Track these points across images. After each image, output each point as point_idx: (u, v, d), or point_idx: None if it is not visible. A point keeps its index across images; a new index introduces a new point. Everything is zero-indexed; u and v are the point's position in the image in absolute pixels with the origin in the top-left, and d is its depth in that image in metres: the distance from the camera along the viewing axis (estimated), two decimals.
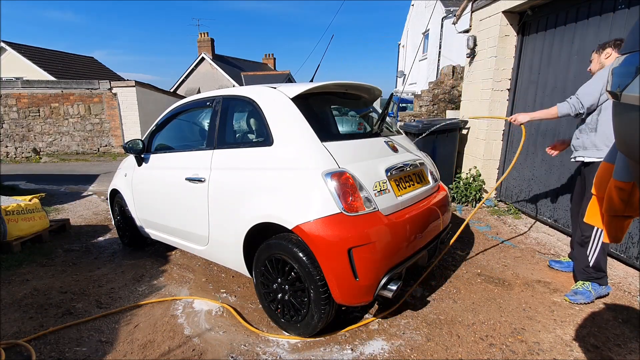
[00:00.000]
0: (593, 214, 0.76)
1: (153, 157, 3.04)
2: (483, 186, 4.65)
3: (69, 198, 5.71)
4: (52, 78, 14.88)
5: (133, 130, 10.60)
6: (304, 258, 1.91)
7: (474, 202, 4.61)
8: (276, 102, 2.23)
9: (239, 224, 2.22)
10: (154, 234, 3.17)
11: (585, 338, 2.06)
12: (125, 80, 12.87)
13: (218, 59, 22.25)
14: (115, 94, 10.55)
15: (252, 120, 2.57)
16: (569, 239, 3.48)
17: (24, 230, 3.47)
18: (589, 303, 2.37)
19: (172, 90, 18.12)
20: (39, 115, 10.52)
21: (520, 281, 2.72)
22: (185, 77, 22.15)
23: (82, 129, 10.67)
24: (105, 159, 10.17)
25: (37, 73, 15.96)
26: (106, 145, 10.82)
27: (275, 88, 2.31)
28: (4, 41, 16.48)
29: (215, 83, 20.50)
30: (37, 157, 10.62)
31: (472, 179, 4.67)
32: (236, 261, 2.36)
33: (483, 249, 3.33)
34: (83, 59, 20.78)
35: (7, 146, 10.60)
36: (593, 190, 0.76)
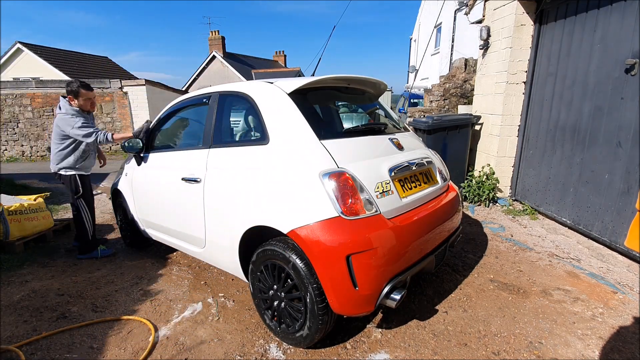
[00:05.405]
0: (634, 237, 0.61)
1: (152, 156, 2.97)
2: (497, 185, 4.43)
3: None
4: (67, 78, 15.16)
5: None
6: (300, 265, 1.79)
7: (487, 202, 4.39)
8: (272, 98, 2.10)
9: (234, 227, 2.12)
10: (154, 234, 3.10)
11: (609, 354, 1.88)
12: (136, 79, 12.99)
13: (229, 57, 22.31)
14: (126, 93, 10.64)
15: (248, 117, 2.46)
16: (590, 241, 3.26)
17: (27, 230, 3.45)
18: None
19: (184, 89, 18.24)
20: (53, 114, 10.68)
21: (537, 288, 2.53)
22: (197, 76, 22.31)
23: None
24: (117, 157, 10.26)
25: (53, 73, 16.29)
26: (117, 144, 10.91)
27: (272, 83, 2.19)
28: (21, 42, 16.87)
29: (226, 81, 20.55)
30: None
31: (485, 177, 4.46)
32: (232, 265, 2.26)
33: (496, 253, 3.14)
34: (97, 58, 21.12)
35: (22, 145, 10.83)
36: (638, 205, 0.61)
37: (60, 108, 3.04)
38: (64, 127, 2.99)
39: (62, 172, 3.13)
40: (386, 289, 1.76)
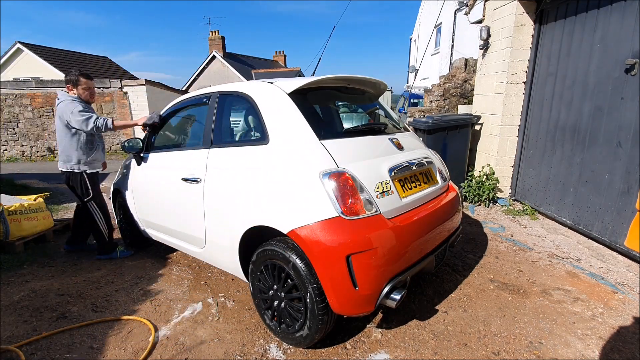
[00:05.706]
0: (634, 237, 0.61)
1: (152, 156, 2.97)
2: (497, 185, 4.43)
3: None
4: None
5: None
6: (299, 264, 1.79)
7: (487, 202, 4.40)
8: (272, 98, 2.10)
9: (233, 227, 2.12)
10: (154, 234, 3.10)
11: (609, 354, 1.88)
12: (136, 79, 13.00)
13: (229, 57, 22.32)
14: (126, 93, 10.64)
15: (248, 117, 2.46)
16: (590, 241, 3.26)
17: (27, 230, 3.45)
18: None
19: (184, 89, 18.24)
20: (53, 114, 10.68)
21: (537, 288, 2.53)
22: (197, 76, 22.31)
23: None
24: (117, 157, 10.27)
25: (53, 73, 16.28)
26: (117, 144, 10.92)
27: (272, 83, 2.19)
28: (21, 42, 16.87)
29: (226, 81, 20.54)
30: (52, 155, 10.82)
31: (485, 177, 4.46)
32: (232, 265, 2.26)
33: (496, 253, 3.14)
34: (97, 58, 21.11)
35: (22, 145, 10.83)
36: (638, 205, 0.61)
37: (59, 98, 2.95)
38: (64, 114, 2.87)
39: (74, 169, 2.99)
40: (386, 289, 1.76)
